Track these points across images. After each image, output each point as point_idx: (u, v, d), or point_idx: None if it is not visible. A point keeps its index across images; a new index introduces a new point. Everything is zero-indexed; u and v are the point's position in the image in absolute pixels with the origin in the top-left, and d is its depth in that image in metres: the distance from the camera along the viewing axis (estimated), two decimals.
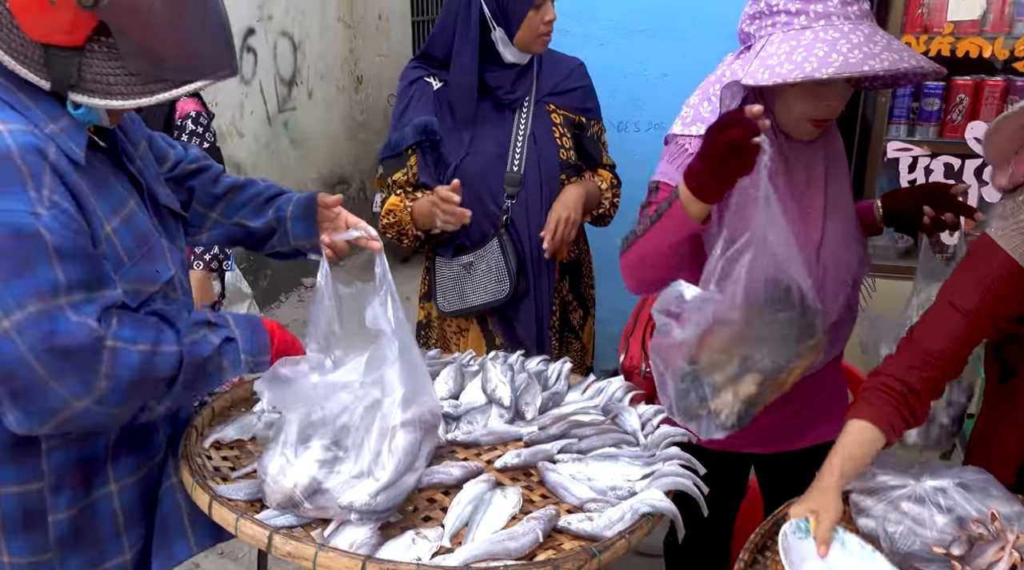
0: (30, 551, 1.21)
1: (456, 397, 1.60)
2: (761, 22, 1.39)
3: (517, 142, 2.00)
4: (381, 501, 1.16)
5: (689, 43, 2.35)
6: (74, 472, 1.21)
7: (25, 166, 1.05)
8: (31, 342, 1.03)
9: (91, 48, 1.07)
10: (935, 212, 1.53)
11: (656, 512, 1.21)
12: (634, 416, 1.50)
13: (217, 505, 1.15)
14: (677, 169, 1.48)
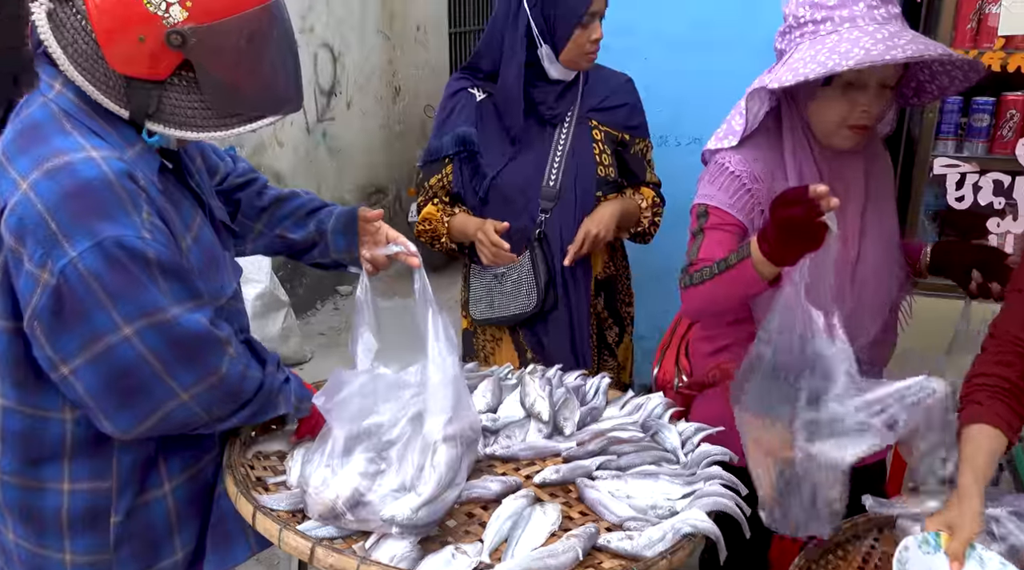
0: (91, 550, 1.24)
1: (494, 411, 1.60)
2: (790, 36, 1.41)
3: (556, 157, 1.99)
4: (422, 516, 1.16)
5: (731, 57, 2.33)
6: (136, 473, 1.25)
7: (125, 192, 1.10)
8: (152, 342, 1.10)
9: (172, 82, 1.13)
10: (983, 279, 1.50)
11: (698, 532, 1.19)
12: (674, 433, 1.49)
13: (261, 515, 1.17)
14: (720, 189, 1.48)
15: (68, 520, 1.23)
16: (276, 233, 1.56)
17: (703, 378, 1.65)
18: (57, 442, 1.20)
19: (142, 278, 1.09)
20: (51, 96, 1.14)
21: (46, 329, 1.10)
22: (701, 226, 1.51)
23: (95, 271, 1.07)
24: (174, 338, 1.12)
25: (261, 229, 1.56)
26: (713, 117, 2.26)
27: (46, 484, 1.22)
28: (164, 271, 1.12)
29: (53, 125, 1.12)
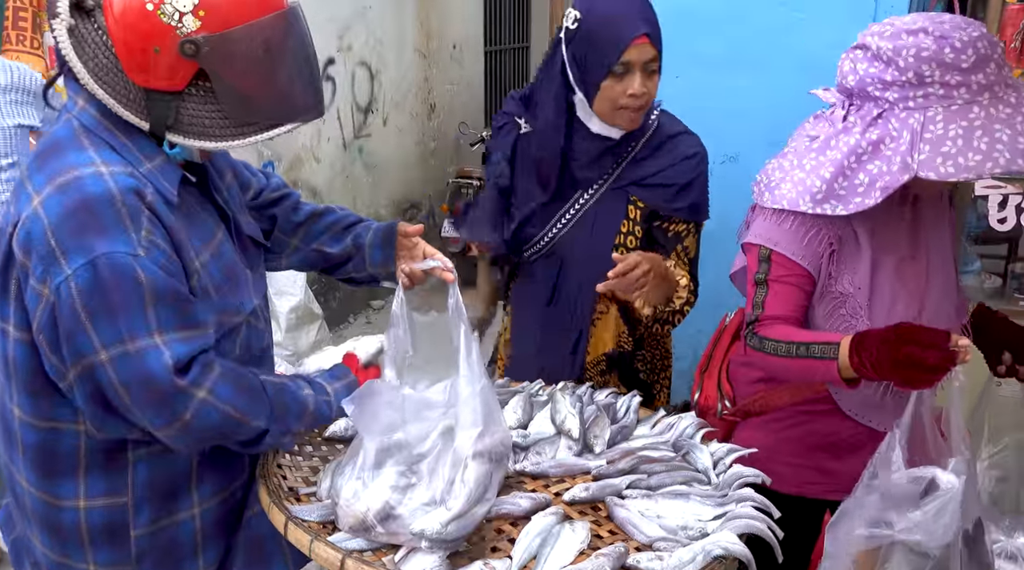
0: (113, 562, 1.26)
1: (524, 427, 1.60)
2: (907, 92, 1.25)
3: (561, 220, 1.76)
4: (452, 530, 1.17)
5: (768, 75, 2.32)
6: (157, 489, 1.26)
7: (125, 208, 1.10)
8: (123, 375, 1.09)
9: (189, 92, 1.13)
10: (1013, 360, 1.47)
11: (729, 555, 1.18)
12: (705, 454, 1.47)
13: (292, 526, 1.18)
14: (788, 230, 1.43)
15: (88, 534, 1.25)
16: (313, 247, 1.57)
17: (748, 406, 1.62)
18: (72, 454, 1.22)
19: (129, 300, 1.09)
20: (75, 112, 1.17)
21: (47, 343, 1.13)
22: (765, 275, 1.46)
23: (83, 291, 1.07)
24: (143, 380, 1.11)
25: (297, 244, 1.57)
26: (750, 135, 2.24)
27: (63, 501, 1.24)
28: (154, 293, 1.11)
29: (72, 141, 1.15)
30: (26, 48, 3.17)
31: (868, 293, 1.41)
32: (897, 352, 1.20)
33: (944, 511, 1.05)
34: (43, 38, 3.20)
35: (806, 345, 1.36)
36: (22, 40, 3.17)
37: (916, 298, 1.44)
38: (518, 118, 1.80)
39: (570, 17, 1.63)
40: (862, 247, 1.42)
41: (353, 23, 4.94)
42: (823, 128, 1.40)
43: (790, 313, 1.45)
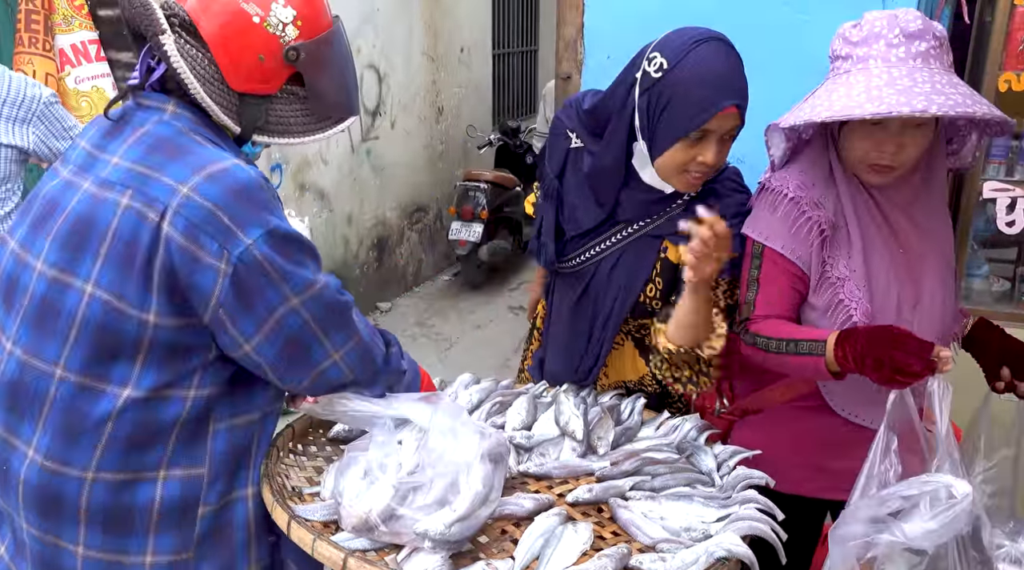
0: (174, 549, 1.26)
1: (528, 428, 1.60)
2: (830, 70, 1.43)
3: (591, 251, 1.67)
4: (455, 531, 1.17)
5: (772, 77, 2.31)
6: (229, 462, 1.29)
7: (269, 191, 1.24)
8: (313, 310, 1.24)
9: (279, 95, 1.28)
10: (1012, 377, 1.47)
11: (732, 557, 1.17)
12: (709, 456, 1.47)
13: (295, 525, 1.18)
14: (779, 220, 1.46)
15: (159, 513, 1.24)
16: None
17: (745, 404, 1.63)
18: (171, 423, 1.23)
19: (300, 257, 1.23)
20: (166, 118, 1.23)
21: (230, 313, 1.19)
22: (757, 272, 1.48)
23: (267, 255, 1.19)
24: (328, 304, 1.27)
25: None
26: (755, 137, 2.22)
27: (144, 474, 1.23)
28: (309, 251, 1.26)
29: (185, 138, 1.22)
30: (38, 51, 3.20)
31: (864, 276, 1.43)
32: (881, 353, 1.24)
33: (957, 520, 1.05)
34: (54, 41, 3.23)
35: (795, 341, 1.39)
36: (34, 43, 3.20)
37: (912, 288, 1.45)
38: (570, 131, 1.67)
39: (654, 63, 1.46)
40: (853, 236, 1.45)
41: (361, 26, 4.96)
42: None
43: (779, 311, 1.47)
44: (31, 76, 3.16)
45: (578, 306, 1.73)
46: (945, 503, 1.06)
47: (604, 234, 1.66)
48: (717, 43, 1.46)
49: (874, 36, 1.34)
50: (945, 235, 1.53)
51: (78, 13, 3.25)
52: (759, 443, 1.49)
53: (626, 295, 1.64)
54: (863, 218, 1.46)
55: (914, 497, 1.04)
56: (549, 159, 1.72)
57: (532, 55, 7.79)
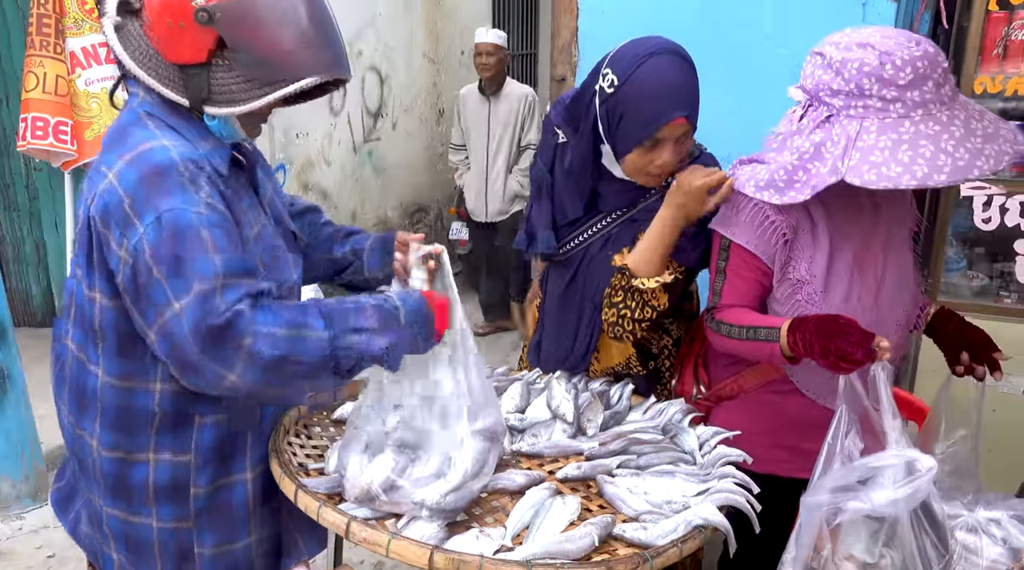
0: (174, 517, 1.38)
1: (522, 412, 1.69)
2: (850, 102, 1.33)
3: (578, 238, 1.79)
4: (450, 501, 1.26)
5: (760, 79, 2.37)
6: (217, 452, 1.37)
7: (188, 173, 1.23)
8: (191, 323, 1.17)
9: (215, 63, 1.25)
10: (971, 361, 1.54)
11: (709, 525, 1.26)
12: (692, 437, 1.56)
13: (302, 493, 1.27)
14: (744, 220, 1.51)
15: (154, 489, 1.36)
16: (323, 256, 1.68)
17: (721, 390, 1.71)
18: (146, 411, 1.33)
19: (191, 249, 1.19)
20: (135, 103, 1.30)
21: (131, 303, 1.23)
22: (724, 263, 1.56)
23: (153, 244, 1.18)
24: (206, 325, 1.17)
25: (315, 254, 1.68)
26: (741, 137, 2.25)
27: (136, 455, 1.35)
28: (212, 244, 1.20)
29: (137, 123, 1.28)
30: (49, 53, 3.29)
31: (823, 281, 1.49)
32: (827, 342, 1.32)
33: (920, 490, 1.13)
34: (65, 44, 3.31)
35: (754, 329, 1.47)
36: (45, 46, 3.29)
37: (872, 289, 1.52)
38: (557, 128, 1.78)
39: (606, 79, 1.56)
40: (819, 236, 1.50)
41: (363, 29, 5.05)
42: (785, 126, 1.49)
43: (744, 302, 1.56)
44: (42, 78, 3.26)
45: (567, 292, 1.82)
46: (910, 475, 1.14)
47: (589, 222, 1.76)
48: (669, 56, 1.53)
49: (920, 78, 1.29)
50: (907, 218, 1.60)
51: (88, 17, 3.33)
52: (736, 426, 1.57)
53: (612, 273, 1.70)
54: (837, 218, 1.51)
55: (881, 468, 1.12)
56: (541, 154, 1.84)
57: (531, 58, 7.87)
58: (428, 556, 1.12)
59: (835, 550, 1.15)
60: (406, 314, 1.32)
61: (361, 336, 1.27)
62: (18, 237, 4.50)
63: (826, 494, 1.17)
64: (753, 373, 1.63)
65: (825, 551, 1.13)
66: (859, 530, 1.14)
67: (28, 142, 3.27)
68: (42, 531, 2.81)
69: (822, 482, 1.18)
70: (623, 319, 1.66)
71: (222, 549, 1.40)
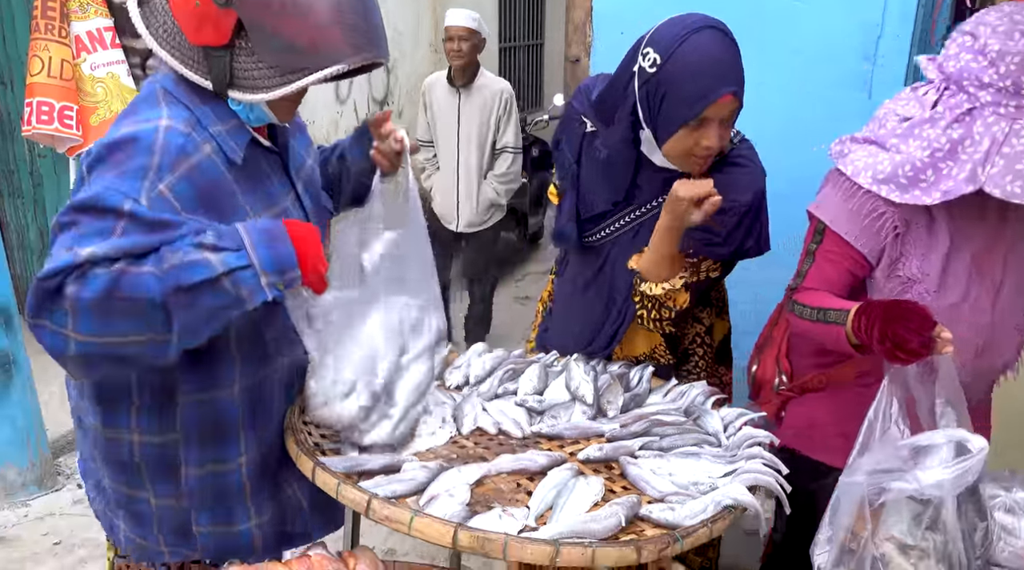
0: (171, 495, 1.36)
1: (540, 394, 1.65)
2: (1001, 98, 1.19)
3: (610, 228, 1.72)
4: (398, 435, 1.36)
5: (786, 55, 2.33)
6: (204, 433, 1.33)
7: (158, 157, 1.15)
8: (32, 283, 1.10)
9: (238, 46, 1.19)
10: None
11: (738, 505, 1.22)
12: (716, 418, 1.52)
13: (320, 471, 1.24)
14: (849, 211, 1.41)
15: (145, 468, 1.34)
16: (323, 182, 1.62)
17: (807, 383, 1.62)
18: (122, 387, 1.30)
19: (92, 224, 1.10)
20: (158, 78, 1.26)
21: None
22: (816, 246, 1.48)
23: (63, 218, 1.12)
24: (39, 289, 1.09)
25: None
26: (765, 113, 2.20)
27: (121, 433, 1.33)
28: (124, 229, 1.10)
29: (149, 100, 1.23)
30: (54, 37, 3.24)
31: (938, 281, 1.39)
32: (887, 326, 1.23)
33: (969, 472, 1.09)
34: (70, 28, 3.27)
35: (824, 311, 1.39)
36: (50, 29, 3.25)
37: (990, 293, 1.41)
38: (584, 117, 1.70)
39: (648, 58, 1.49)
40: (938, 232, 1.39)
41: None
42: (914, 109, 1.34)
43: (829, 289, 1.47)
44: (47, 62, 3.22)
45: (595, 281, 1.77)
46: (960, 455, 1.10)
47: (623, 212, 1.69)
48: (710, 31, 1.47)
49: None
50: None
51: (94, 1, 3.29)
52: (818, 418, 1.52)
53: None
54: (958, 215, 1.38)
55: (928, 448, 1.08)
56: (567, 144, 1.75)
57: (538, 49, 7.82)
58: (452, 534, 1.09)
59: (875, 531, 1.11)
60: (248, 232, 1.17)
61: (196, 254, 1.11)
62: (22, 224, 4.47)
63: (865, 474, 1.13)
64: (848, 366, 1.52)
65: (865, 533, 1.09)
66: (902, 511, 1.10)
67: (33, 127, 3.22)
68: (48, 518, 2.78)
69: (861, 461, 1.15)
70: (641, 319, 1.66)
71: (219, 529, 1.38)
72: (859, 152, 1.41)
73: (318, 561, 1.20)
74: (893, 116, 1.38)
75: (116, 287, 1.07)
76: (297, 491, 1.47)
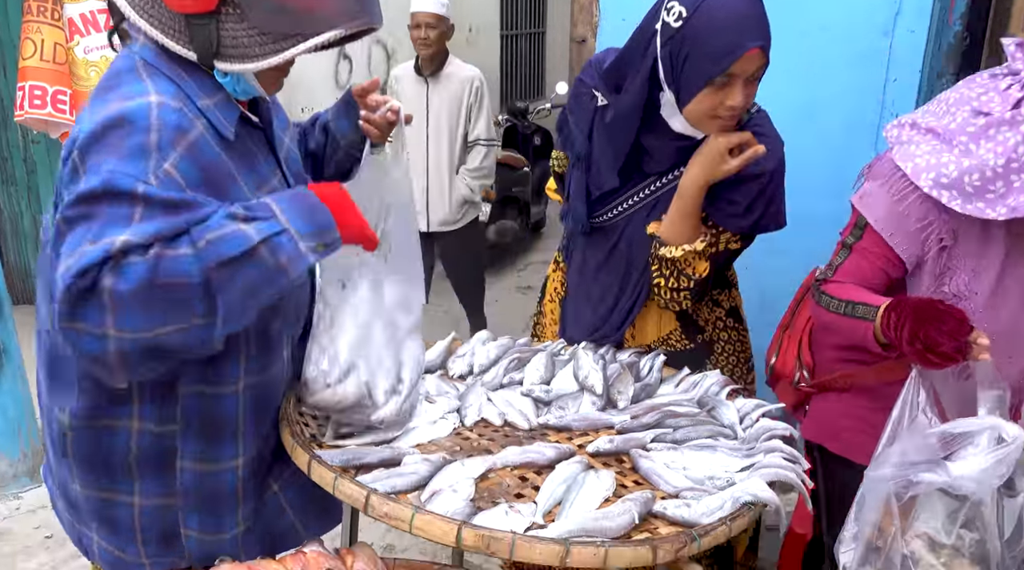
0: (159, 493, 1.27)
1: (548, 383, 1.58)
2: None
3: (624, 205, 1.66)
4: (406, 410, 1.33)
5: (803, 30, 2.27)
6: (204, 426, 1.25)
7: (157, 135, 1.07)
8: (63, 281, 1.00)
9: (225, 12, 1.11)
10: None
11: (758, 502, 1.16)
12: (731, 410, 1.45)
13: (316, 464, 1.17)
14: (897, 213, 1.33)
15: (137, 459, 1.25)
16: (305, 157, 1.56)
17: (829, 382, 1.55)
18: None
19: (111, 213, 1.03)
20: (136, 49, 1.16)
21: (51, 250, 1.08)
22: (854, 241, 1.42)
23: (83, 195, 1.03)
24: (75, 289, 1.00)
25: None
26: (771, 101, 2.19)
27: (118, 422, 1.24)
28: (143, 214, 1.03)
29: (132, 72, 1.14)
30: (46, 19, 3.17)
31: (987, 298, 1.31)
32: (919, 327, 1.16)
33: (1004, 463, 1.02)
34: (63, 10, 3.19)
35: (854, 304, 1.32)
36: (43, 11, 3.17)
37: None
38: (595, 90, 1.64)
39: (672, 12, 1.43)
40: (991, 247, 1.30)
41: None
42: (992, 104, 1.22)
43: (862, 284, 1.40)
44: (40, 45, 3.14)
45: (610, 260, 1.70)
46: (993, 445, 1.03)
47: (636, 188, 1.63)
48: None
49: None
50: None
51: None
52: (841, 412, 1.45)
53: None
54: (1015, 230, 1.29)
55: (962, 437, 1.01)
56: (576, 124, 1.69)
57: (540, 37, 7.73)
58: (456, 532, 1.02)
59: (904, 528, 1.04)
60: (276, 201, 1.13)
61: (229, 226, 1.06)
62: (16, 212, 4.40)
63: (892, 467, 1.06)
64: (872, 371, 1.44)
65: (893, 529, 1.02)
66: (935, 507, 1.03)
67: (26, 112, 3.15)
68: (40, 511, 2.72)
69: (888, 453, 1.08)
70: (659, 288, 1.58)
71: (207, 536, 1.30)
72: (922, 146, 1.30)
73: (313, 558, 1.13)
74: (965, 107, 1.25)
75: (155, 274, 1.01)
76: (281, 494, 1.39)
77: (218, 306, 1.05)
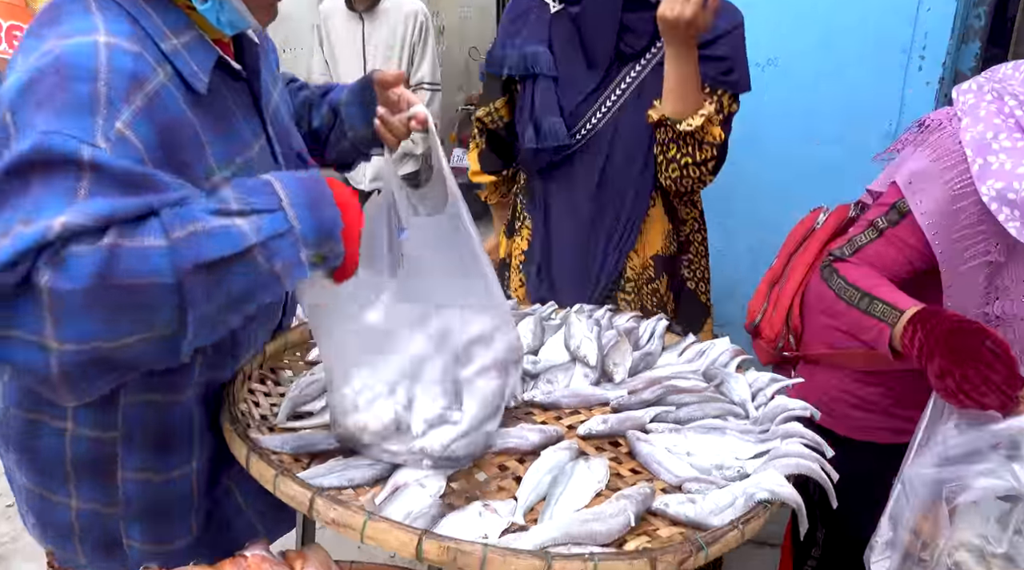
0: (98, 499, 1.11)
1: (535, 353, 1.41)
2: None
3: (609, 99, 1.61)
4: (459, 447, 1.02)
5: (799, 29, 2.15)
6: (149, 435, 1.09)
7: (107, 88, 0.85)
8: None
9: None
10: None
11: (776, 500, 0.99)
12: (742, 384, 1.28)
13: (255, 458, 0.99)
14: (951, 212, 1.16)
15: (73, 464, 1.10)
16: (302, 131, 1.35)
17: (816, 357, 1.42)
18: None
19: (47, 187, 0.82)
20: None
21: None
22: (887, 225, 1.26)
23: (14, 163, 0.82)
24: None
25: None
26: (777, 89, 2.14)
27: (51, 421, 1.09)
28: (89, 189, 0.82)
29: (77, 4, 0.92)
30: None
31: None
32: (953, 365, 1.01)
33: None
34: None
35: (871, 298, 1.17)
36: None
37: None
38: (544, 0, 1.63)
39: None
40: None
41: None
42: None
43: (882, 272, 1.26)
44: None
45: (600, 188, 1.64)
46: None
47: (616, 80, 1.61)
48: None
49: None
50: None
51: None
52: (830, 383, 1.32)
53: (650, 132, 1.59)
54: None
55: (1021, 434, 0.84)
56: (529, 38, 1.65)
57: None
58: (416, 543, 0.85)
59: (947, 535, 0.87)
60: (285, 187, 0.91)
61: (218, 219, 0.85)
62: None
63: (934, 467, 0.89)
64: (860, 355, 1.31)
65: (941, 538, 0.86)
66: (982, 511, 0.87)
67: None
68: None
69: (929, 451, 0.90)
70: (686, 168, 1.56)
71: (152, 546, 1.14)
72: (1002, 140, 1.11)
73: (255, 563, 0.97)
74: None
75: (109, 269, 0.79)
76: (236, 490, 1.22)
77: (188, 316, 0.84)
